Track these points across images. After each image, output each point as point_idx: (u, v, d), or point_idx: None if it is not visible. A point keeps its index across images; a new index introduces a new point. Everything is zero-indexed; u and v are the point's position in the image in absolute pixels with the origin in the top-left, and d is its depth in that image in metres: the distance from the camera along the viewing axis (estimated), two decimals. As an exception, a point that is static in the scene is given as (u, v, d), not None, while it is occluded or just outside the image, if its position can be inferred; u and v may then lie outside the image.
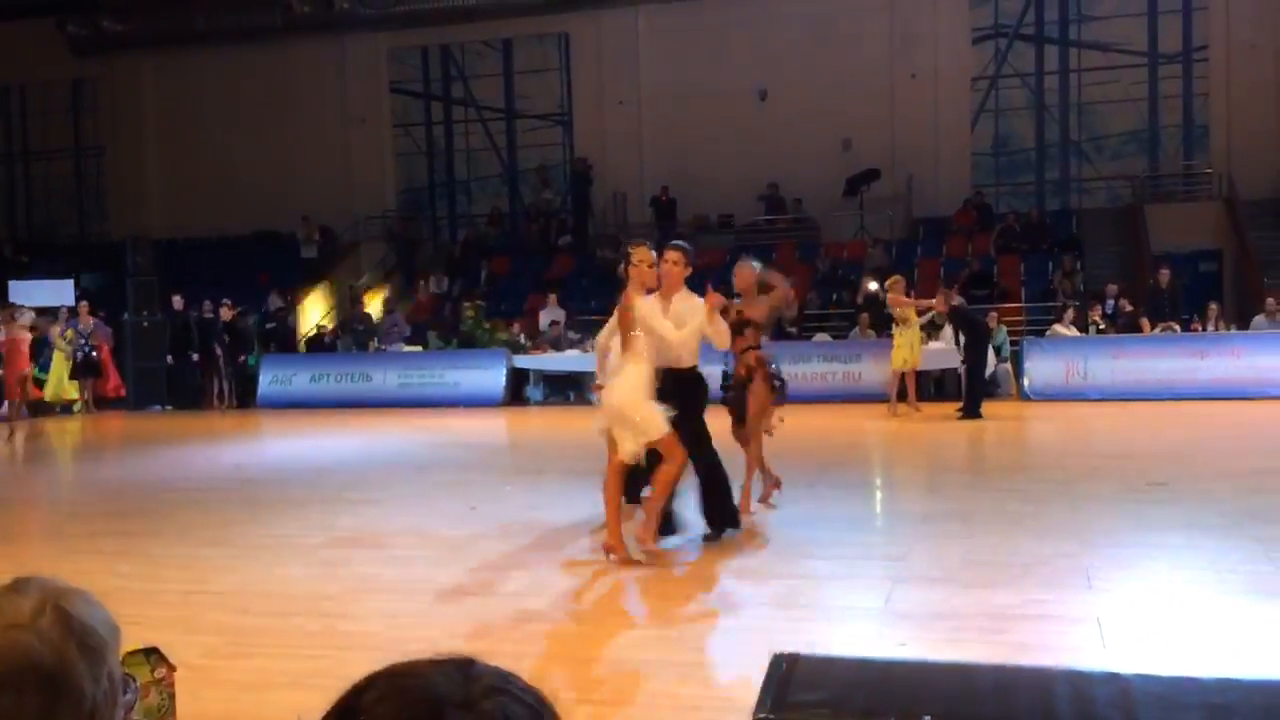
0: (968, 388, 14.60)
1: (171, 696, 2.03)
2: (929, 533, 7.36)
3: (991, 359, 16.61)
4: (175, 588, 6.39)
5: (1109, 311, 17.63)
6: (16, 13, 25.95)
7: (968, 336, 14.66)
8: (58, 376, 18.59)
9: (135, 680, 2.12)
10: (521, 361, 18.39)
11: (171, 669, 2.02)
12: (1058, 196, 23.34)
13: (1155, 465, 9.93)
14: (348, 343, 20.68)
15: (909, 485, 10.37)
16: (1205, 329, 16.98)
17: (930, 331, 16.17)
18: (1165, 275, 17.56)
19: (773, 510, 8.14)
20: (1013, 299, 19.49)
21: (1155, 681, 1.87)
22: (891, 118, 22.72)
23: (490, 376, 18.26)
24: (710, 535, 7.08)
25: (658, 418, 6.41)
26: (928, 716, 1.87)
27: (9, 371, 15.44)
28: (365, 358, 19.72)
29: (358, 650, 5.10)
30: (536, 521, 7.08)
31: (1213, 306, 17.28)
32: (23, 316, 16.23)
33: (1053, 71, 23.10)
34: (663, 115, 23.87)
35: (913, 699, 1.86)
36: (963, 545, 6.86)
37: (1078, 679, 1.90)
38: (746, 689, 4.26)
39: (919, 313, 15.07)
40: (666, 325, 6.60)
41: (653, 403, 6.46)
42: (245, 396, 19.19)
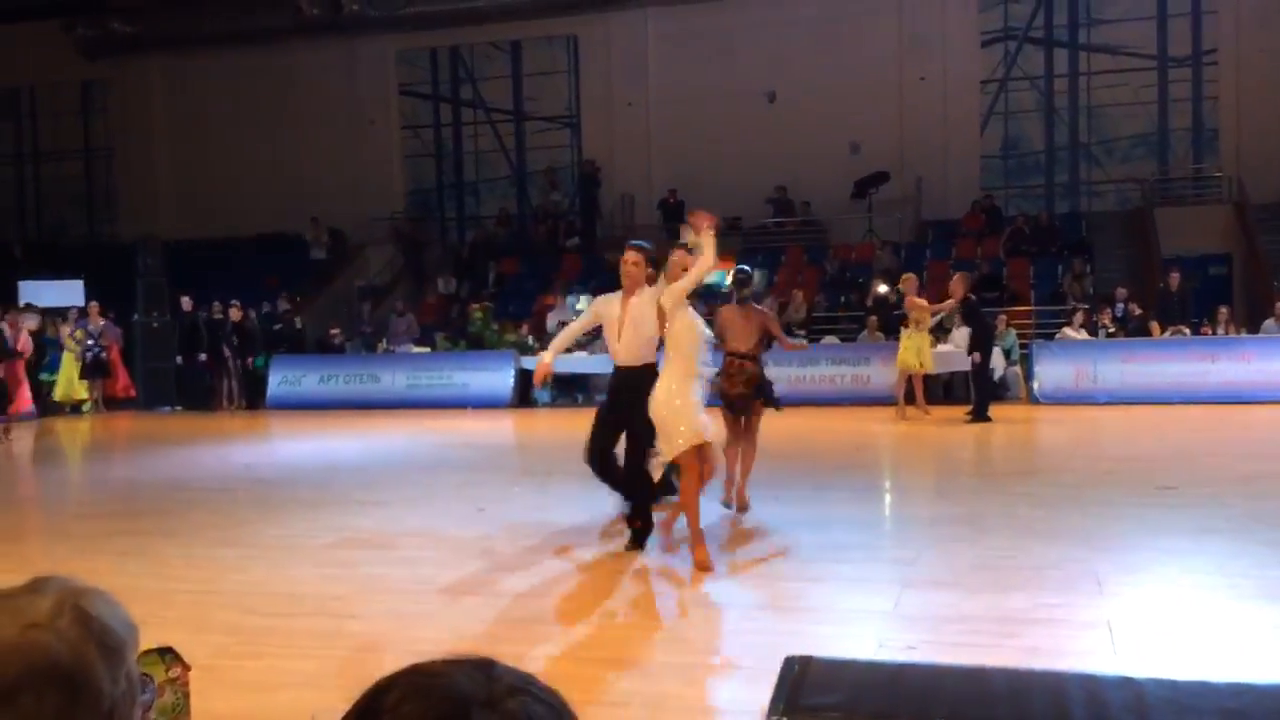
0: (975, 391, 14.57)
1: (186, 696, 2.04)
2: (938, 536, 7.35)
3: (1001, 362, 16.56)
4: (185, 587, 6.41)
5: (1118, 315, 17.58)
6: (27, 14, 26.03)
7: (973, 333, 14.60)
8: (68, 377, 18.64)
9: (152, 680, 2.13)
10: (530, 363, 18.37)
11: (186, 668, 2.03)
12: (1067, 199, 23.29)
13: (1165, 469, 9.92)
14: (356, 344, 20.70)
15: (918, 489, 10.36)
16: (1215, 333, 16.93)
17: (939, 335, 16.13)
18: (1175, 279, 17.51)
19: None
20: (1022, 302, 19.44)
21: (1169, 686, 1.87)
22: (900, 120, 22.69)
23: (498, 378, 18.26)
24: (632, 544, 6.89)
25: (697, 428, 6.29)
26: (940, 720, 1.87)
27: (10, 373, 15.35)
28: (374, 359, 19.74)
29: (367, 650, 5.11)
30: (545, 523, 7.09)
31: (1222, 310, 17.22)
32: (29, 320, 16.23)
33: (1062, 74, 23.06)
34: (671, 117, 23.86)
35: (926, 702, 1.86)
36: (972, 549, 6.86)
37: (1091, 683, 1.90)
38: (757, 691, 4.26)
39: (932, 314, 14.98)
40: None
41: (695, 410, 6.34)
42: (254, 397, 19.22)
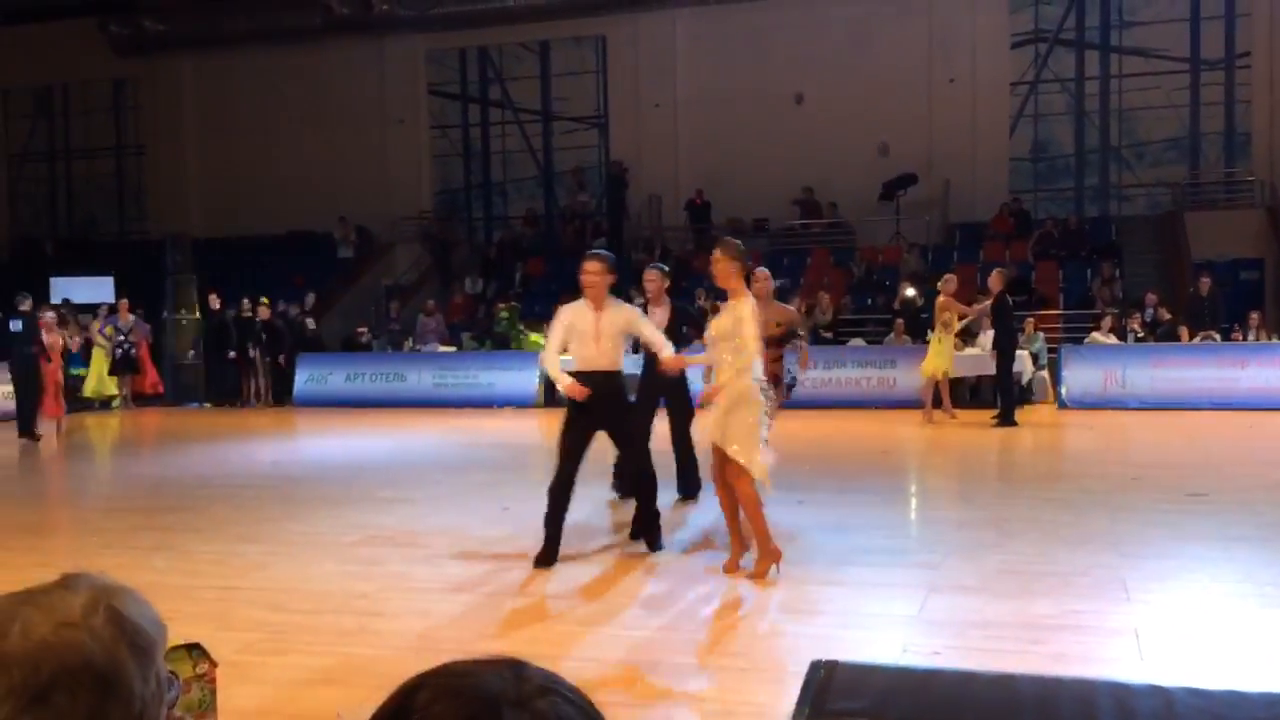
0: (1001, 395, 14.48)
1: (213, 692, 2.05)
2: (964, 541, 7.31)
3: (1029, 366, 16.45)
4: (211, 583, 6.45)
5: (1148, 320, 17.44)
6: (59, 13, 26.29)
7: (997, 333, 14.49)
8: (98, 372, 18.80)
9: (178, 678, 2.14)
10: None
11: (213, 665, 2.04)
12: (1097, 203, 23.13)
13: (1194, 476, 9.83)
14: (383, 342, 20.79)
15: (943, 493, 10.31)
16: (1246, 338, 16.77)
17: (966, 339, 16.04)
18: (1206, 283, 17.35)
19: (818, 509, 8.23)
20: (1051, 306, 19.31)
21: (1200, 695, 1.84)
22: (929, 122, 22.57)
23: (524, 378, 18.29)
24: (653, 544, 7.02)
25: (757, 437, 6.24)
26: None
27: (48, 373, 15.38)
28: (400, 358, 19.81)
29: (391, 648, 5.13)
30: (569, 523, 7.08)
31: (1254, 316, 17.07)
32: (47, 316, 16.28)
33: (1093, 77, 22.90)
34: (699, 118, 23.83)
35: (953, 709, 1.84)
36: (998, 554, 6.82)
37: (1121, 691, 1.88)
38: (780, 694, 4.25)
39: (960, 317, 14.88)
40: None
41: (756, 418, 6.25)
42: (281, 395, 19.33)
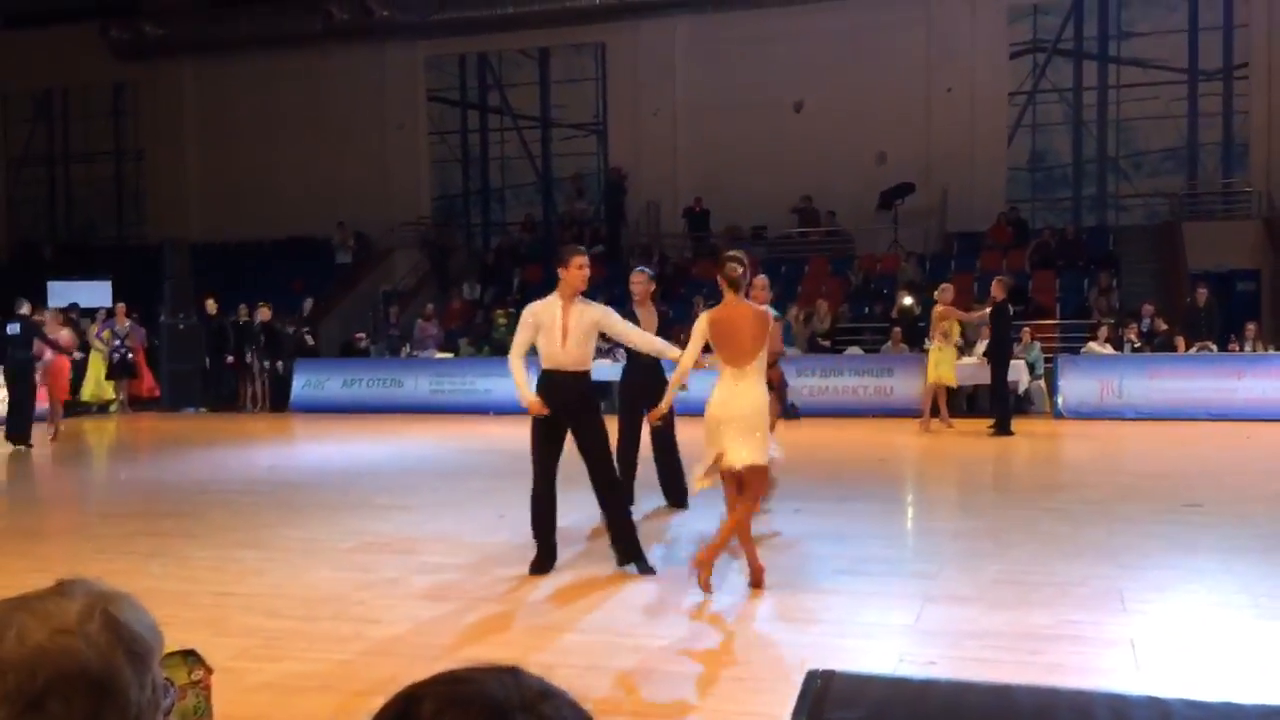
0: (995, 404, 14.48)
1: (208, 699, 2.04)
2: (960, 551, 7.31)
3: (1025, 376, 16.46)
4: (207, 589, 6.44)
5: (1144, 330, 17.45)
6: (60, 17, 26.31)
7: (991, 341, 14.51)
8: (95, 377, 18.78)
9: (173, 684, 2.13)
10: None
11: (209, 671, 2.03)
12: (1094, 213, 23.15)
13: (1190, 486, 9.83)
14: (380, 347, 20.77)
15: (940, 502, 10.31)
16: (1242, 349, 16.78)
17: (963, 348, 16.06)
18: (1203, 294, 17.37)
19: (815, 518, 8.25)
20: (1047, 315, 19.32)
21: (1198, 708, 1.84)
22: (927, 131, 22.61)
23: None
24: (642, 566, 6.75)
25: (768, 443, 6.20)
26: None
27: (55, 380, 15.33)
28: (397, 364, 19.78)
29: (387, 655, 5.12)
30: (566, 531, 7.07)
31: (1250, 326, 17.08)
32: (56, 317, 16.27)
33: (1091, 87, 22.93)
34: (697, 126, 23.86)
35: (950, 719, 1.84)
36: (995, 564, 6.81)
37: (1118, 703, 1.88)
38: (776, 703, 4.24)
39: (960, 323, 14.89)
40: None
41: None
42: (278, 400, 19.29)
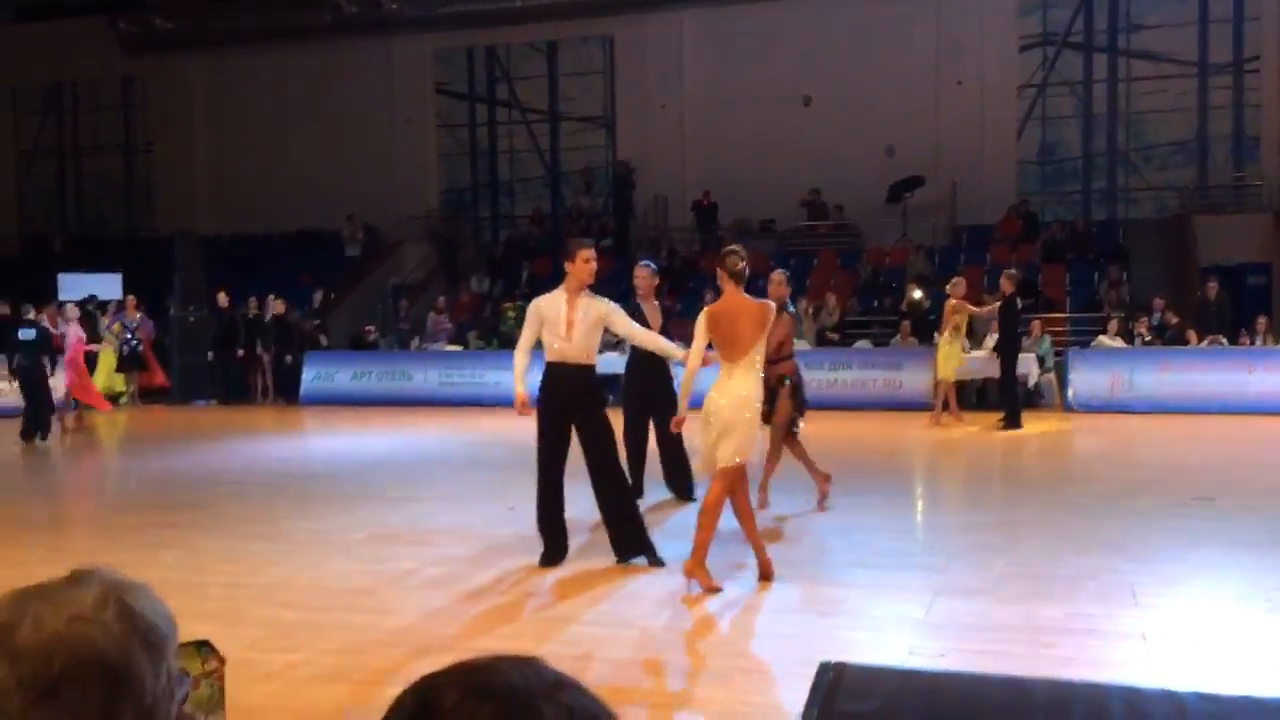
0: (1004, 398, 14.45)
1: (221, 689, 2.05)
2: (970, 544, 7.30)
3: (1035, 369, 16.42)
4: (219, 580, 6.46)
5: (1155, 323, 17.40)
6: (69, 10, 26.37)
7: (1000, 335, 14.48)
8: (106, 369, 18.83)
9: (188, 674, 2.14)
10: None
11: (222, 661, 2.04)
12: (1104, 206, 23.08)
13: (1201, 480, 9.81)
14: (390, 340, 20.79)
15: (950, 495, 10.30)
16: (1253, 343, 16.72)
17: (972, 341, 16.02)
18: (1214, 288, 17.32)
19: (826, 511, 8.29)
20: (1057, 309, 19.27)
21: (1211, 700, 1.84)
22: (936, 125, 22.55)
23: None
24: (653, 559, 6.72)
25: (754, 439, 6.16)
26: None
27: (74, 368, 15.42)
28: (407, 356, 19.80)
29: (398, 646, 5.13)
30: (575, 522, 7.08)
31: (1261, 320, 17.01)
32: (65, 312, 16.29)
33: (1101, 80, 22.85)
34: (706, 119, 23.83)
35: (963, 712, 1.83)
36: (1005, 557, 6.81)
37: (1132, 696, 1.87)
38: (787, 695, 4.25)
39: (971, 317, 14.87)
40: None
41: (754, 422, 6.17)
42: (289, 393, 19.32)
